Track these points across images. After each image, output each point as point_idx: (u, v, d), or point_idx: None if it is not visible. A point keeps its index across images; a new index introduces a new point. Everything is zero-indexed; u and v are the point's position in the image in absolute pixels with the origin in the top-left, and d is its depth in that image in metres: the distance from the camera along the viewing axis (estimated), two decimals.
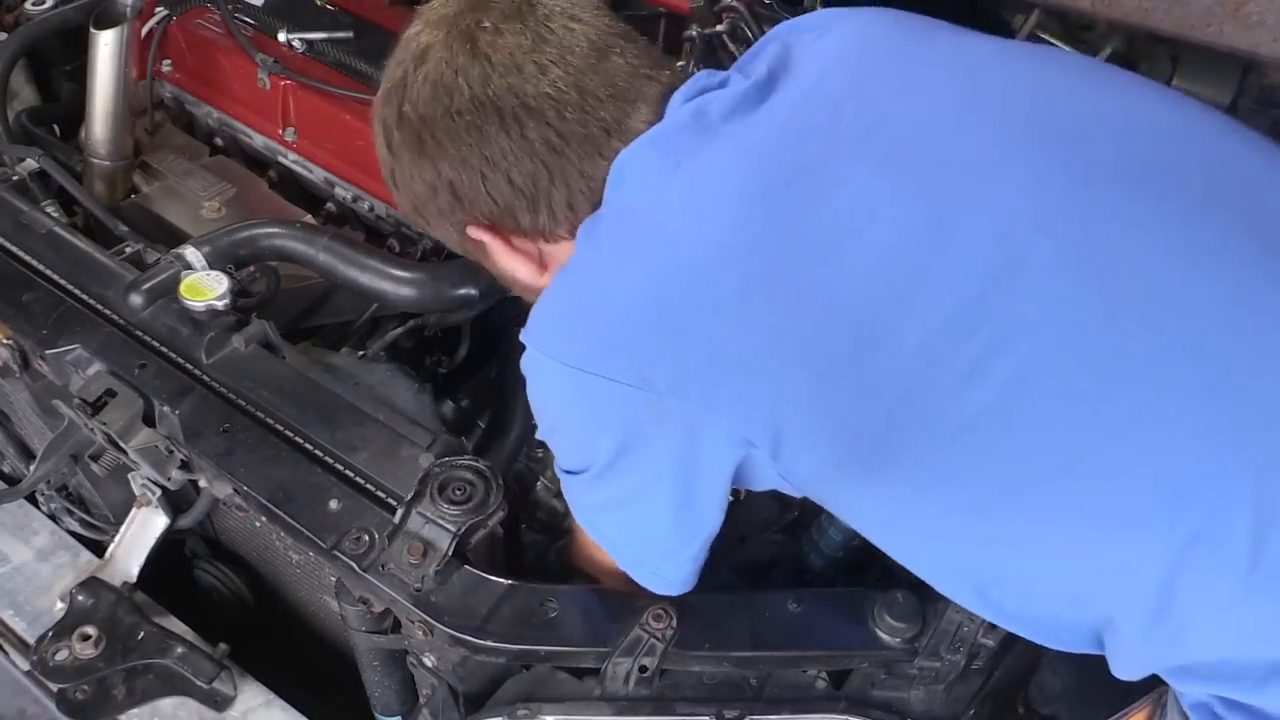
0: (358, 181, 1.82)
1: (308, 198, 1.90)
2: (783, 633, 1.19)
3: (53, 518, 1.79)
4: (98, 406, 1.36)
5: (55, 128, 2.04)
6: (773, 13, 1.61)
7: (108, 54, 1.77)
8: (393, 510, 1.24)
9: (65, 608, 1.46)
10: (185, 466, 1.42)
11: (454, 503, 1.20)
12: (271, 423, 1.35)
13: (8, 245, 1.57)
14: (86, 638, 1.41)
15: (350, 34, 1.88)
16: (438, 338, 1.74)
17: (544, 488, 1.61)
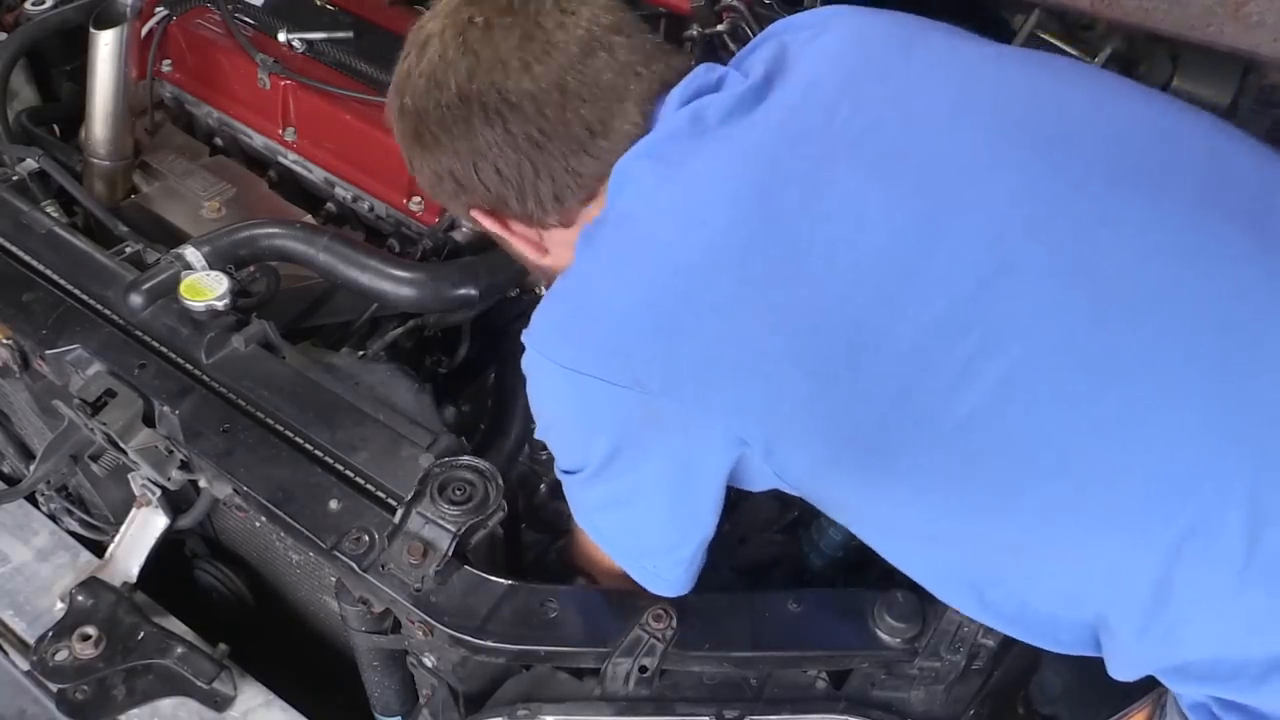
0: (358, 181, 1.82)
1: (308, 198, 1.90)
2: (783, 633, 1.19)
3: (53, 518, 1.79)
4: (98, 406, 1.36)
5: (55, 128, 2.04)
6: (773, 12, 1.61)
7: (108, 54, 1.77)
8: (393, 510, 1.24)
9: (65, 608, 1.46)
10: (185, 466, 1.42)
11: (454, 503, 1.20)
12: (271, 423, 1.35)
13: (8, 245, 1.57)
14: (86, 638, 1.41)
15: (350, 34, 1.88)
16: (438, 338, 1.74)
17: (548, 490, 1.61)
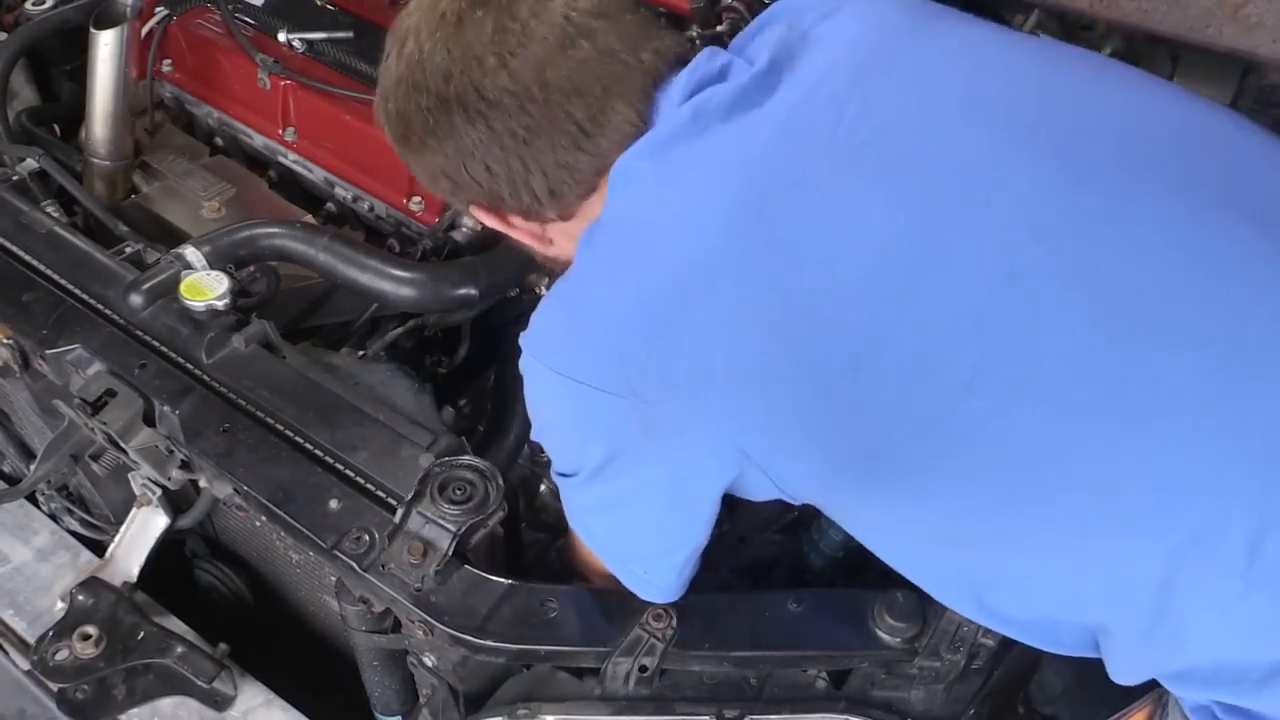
0: (358, 181, 1.82)
1: (308, 198, 1.90)
2: (783, 633, 1.19)
3: (53, 518, 1.79)
4: (98, 406, 1.36)
5: (55, 128, 2.04)
6: None
7: (108, 54, 1.77)
8: (393, 510, 1.24)
9: (65, 608, 1.46)
10: (185, 466, 1.42)
11: (454, 503, 1.20)
12: (271, 423, 1.35)
13: (8, 245, 1.58)
14: (86, 638, 1.41)
15: (350, 34, 1.87)
16: (438, 338, 1.74)
17: (549, 491, 1.61)
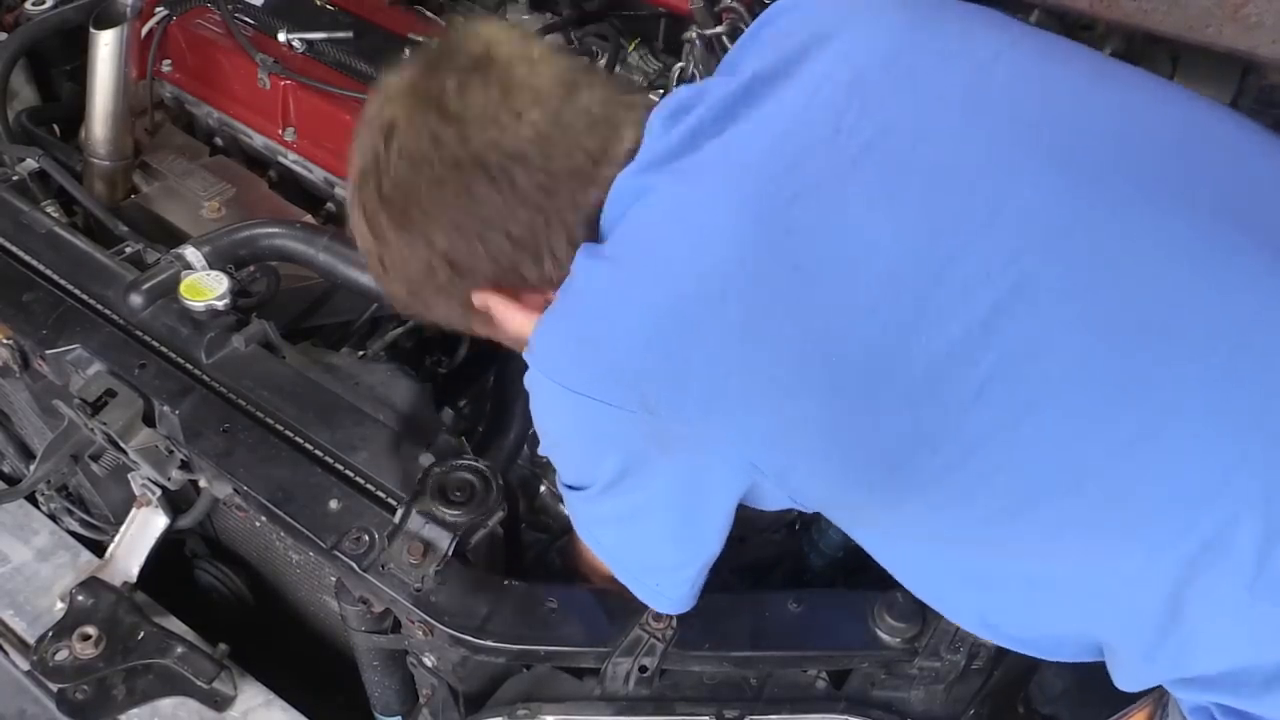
0: None
1: (308, 198, 1.90)
2: (783, 633, 1.19)
3: (53, 518, 1.79)
4: (98, 406, 1.36)
5: (55, 128, 2.04)
6: None
7: (108, 54, 1.77)
8: (393, 510, 1.24)
9: (65, 608, 1.46)
10: (185, 466, 1.42)
11: (454, 503, 1.20)
12: (271, 423, 1.35)
13: (8, 245, 1.57)
14: (86, 638, 1.41)
15: (350, 34, 1.88)
16: (438, 338, 1.74)
17: (549, 492, 1.61)
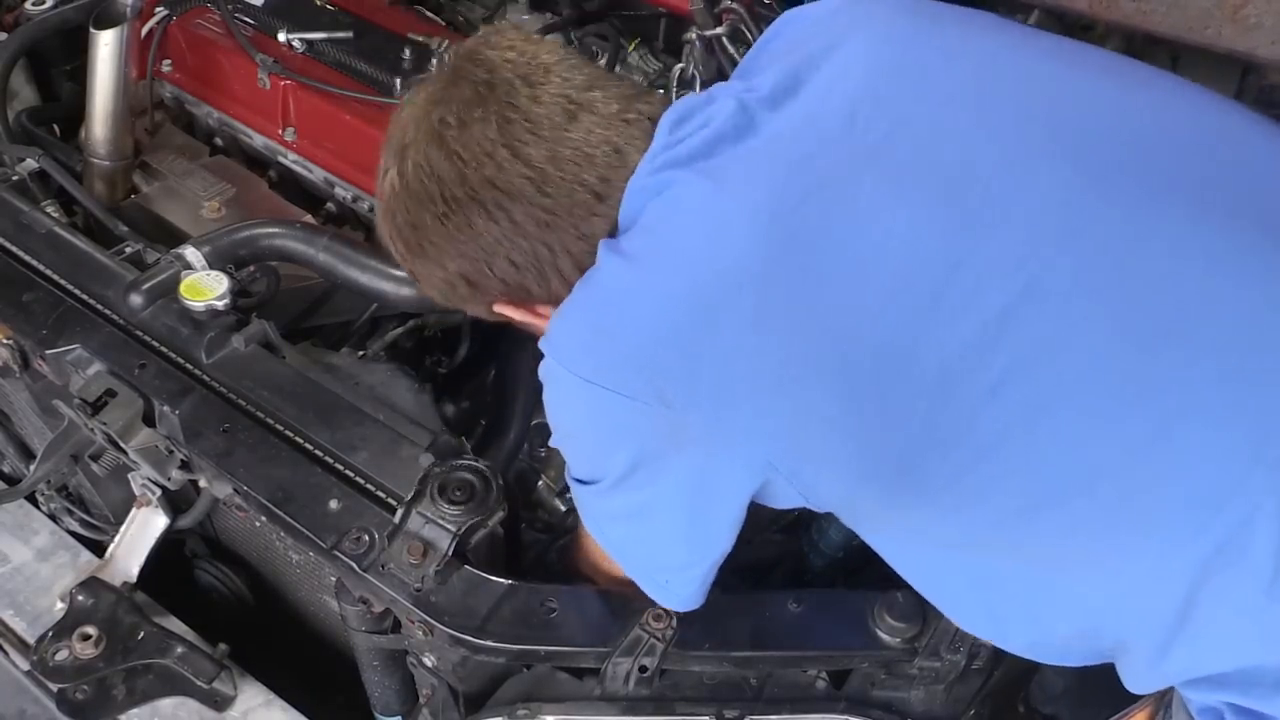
0: (357, 181, 1.82)
1: (308, 198, 1.90)
2: (783, 633, 1.19)
3: (53, 518, 1.79)
4: (98, 406, 1.36)
5: (55, 128, 2.04)
6: (772, 13, 1.61)
7: (108, 54, 1.77)
8: (393, 510, 1.24)
9: (65, 608, 1.46)
10: (185, 466, 1.42)
11: (454, 503, 1.20)
12: (271, 423, 1.35)
13: (8, 245, 1.57)
14: (86, 638, 1.41)
15: (350, 34, 1.88)
16: (438, 338, 1.74)
17: (545, 487, 1.61)
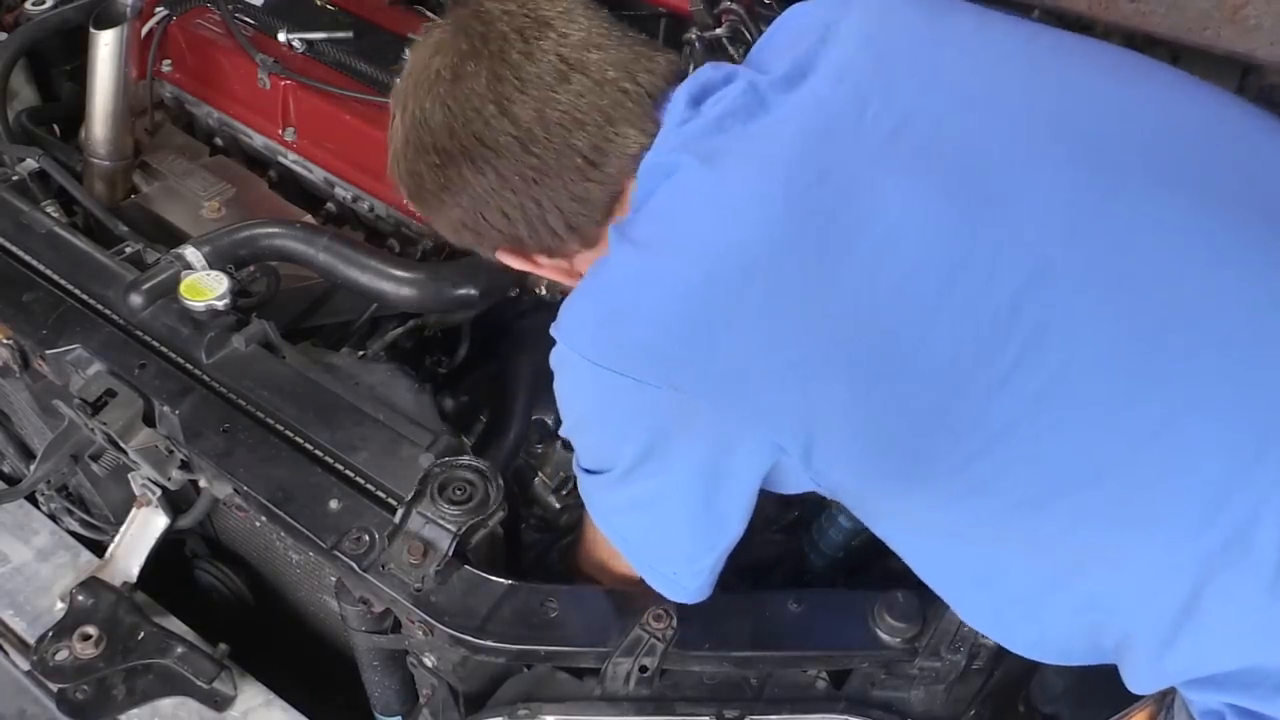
0: (358, 181, 1.82)
1: (308, 198, 1.90)
2: (783, 633, 1.19)
3: (53, 518, 1.79)
4: (98, 406, 1.36)
5: (55, 128, 2.04)
6: (772, 13, 1.61)
7: (108, 54, 1.77)
8: (393, 510, 1.24)
9: (65, 608, 1.46)
10: (185, 466, 1.42)
11: (454, 503, 1.20)
12: (271, 423, 1.35)
13: (8, 245, 1.57)
14: (86, 638, 1.41)
15: (350, 34, 1.88)
16: (438, 338, 1.74)
17: (542, 484, 1.61)
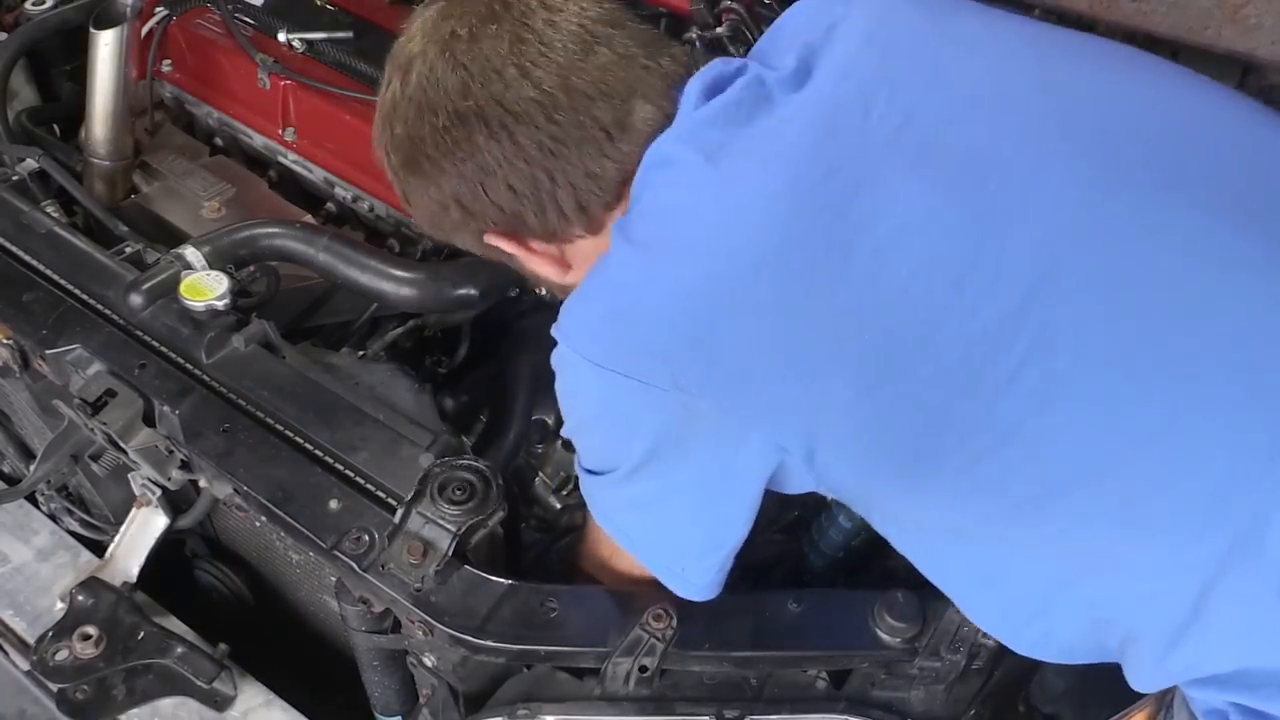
0: (358, 181, 1.82)
1: (308, 198, 1.90)
2: (783, 633, 1.19)
3: (53, 518, 1.79)
4: (98, 406, 1.36)
5: (55, 128, 2.04)
6: (772, 12, 1.61)
7: (108, 54, 1.77)
8: (393, 510, 1.24)
9: (65, 608, 1.46)
10: (185, 466, 1.42)
11: (454, 503, 1.20)
12: (271, 423, 1.35)
13: (8, 245, 1.57)
14: (86, 638, 1.41)
15: (350, 34, 1.88)
16: (438, 338, 1.74)
17: (542, 484, 1.61)
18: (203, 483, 1.44)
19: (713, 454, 1.03)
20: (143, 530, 1.55)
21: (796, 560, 1.47)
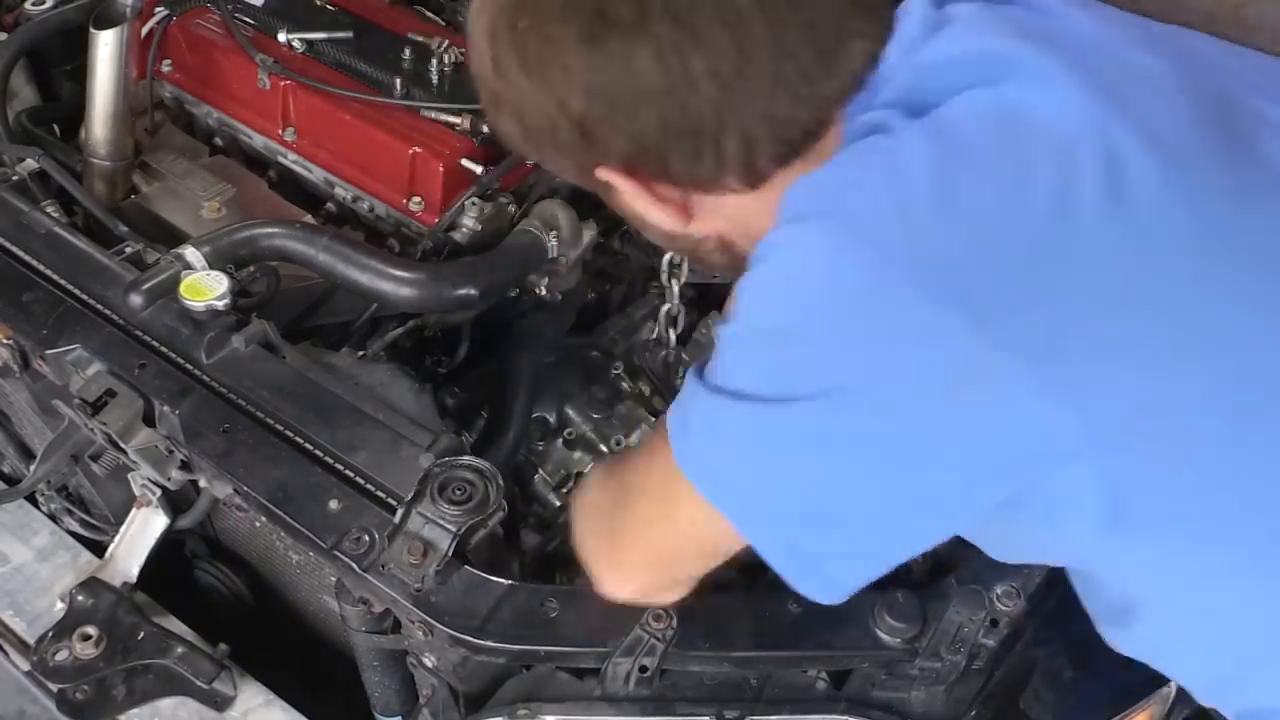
0: (358, 181, 1.82)
1: (308, 198, 1.90)
2: (783, 633, 1.19)
3: (53, 518, 1.79)
4: (98, 406, 1.36)
5: (55, 128, 2.04)
6: None
7: (108, 54, 1.77)
8: (393, 510, 1.24)
9: (65, 608, 1.46)
10: (185, 466, 1.42)
11: (454, 503, 1.20)
12: (271, 423, 1.35)
13: (8, 245, 1.57)
14: (86, 638, 1.41)
15: (350, 34, 1.88)
16: (438, 338, 1.74)
17: (542, 481, 1.61)
18: (203, 483, 1.44)
19: (966, 421, 0.80)
20: (143, 530, 1.55)
21: None
